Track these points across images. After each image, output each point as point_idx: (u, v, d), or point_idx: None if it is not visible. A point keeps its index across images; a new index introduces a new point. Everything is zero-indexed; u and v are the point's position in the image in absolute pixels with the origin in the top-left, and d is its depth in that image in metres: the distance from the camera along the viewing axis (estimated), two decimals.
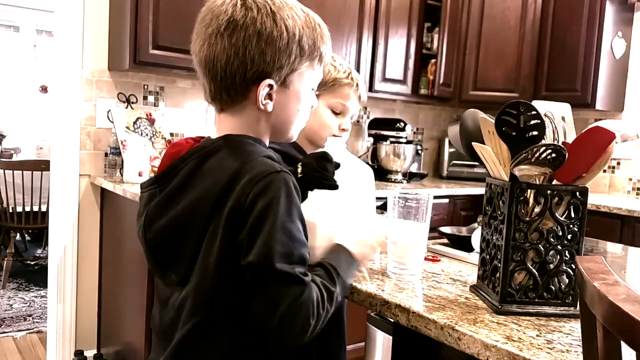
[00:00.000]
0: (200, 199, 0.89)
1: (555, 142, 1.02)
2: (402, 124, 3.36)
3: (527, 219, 0.98)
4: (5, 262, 4.00)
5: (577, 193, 0.98)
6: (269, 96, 0.95)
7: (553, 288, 0.99)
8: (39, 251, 4.89)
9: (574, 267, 0.99)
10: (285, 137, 1.04)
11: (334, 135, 1.36)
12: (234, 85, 0.93)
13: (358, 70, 3.11)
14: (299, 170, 1.04)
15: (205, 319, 0.90)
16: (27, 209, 4.00)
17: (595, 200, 3.05)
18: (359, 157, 2.93)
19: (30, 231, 5.04)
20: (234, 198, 0.85)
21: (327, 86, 1.35)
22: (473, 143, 1.06)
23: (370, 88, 3.20)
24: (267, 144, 1.00)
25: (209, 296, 0.89)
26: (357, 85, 1.37)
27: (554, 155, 0.95)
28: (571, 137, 1.05)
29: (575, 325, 0.93)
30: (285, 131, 1.02)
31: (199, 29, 0.95)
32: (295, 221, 0.87)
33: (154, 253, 0.97)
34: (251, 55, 0.91)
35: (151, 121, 2.67)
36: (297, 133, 1.05)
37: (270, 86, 0.94)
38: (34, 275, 4.29)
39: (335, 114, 1.36)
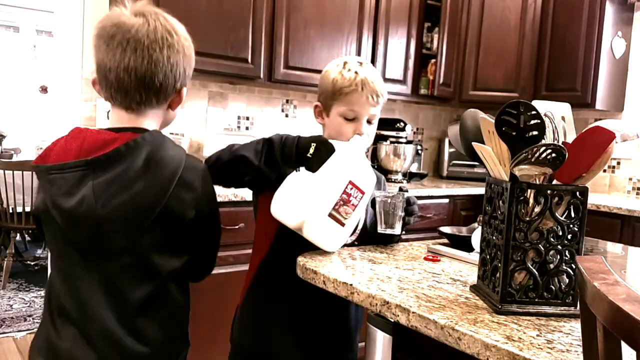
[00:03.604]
0: (162, 181, 1.08)
1: (555, 142, 1.02)
2: (402, 124, 3.37)
3: (527, 218, 0.98)
4: (5, 262, 4.00)
5: (577, 193, 0.98)
6: None
7: (553, 288, 0.99)
8: (39, 251, 4.89)
9: (574, 267, 0.99)
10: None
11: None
12: (165, 93, 1.14)
13: None
14: (312, 151, 1.27)
15: (170, 272, 1.12)
16: (27, 209, 3.99)
17: (595, 200, 3.05)
18: None
19: (30, 231, 5.03)
20: (196, 182, 1.13)
21: (335, 96, 1.41)
22: (473, 143, 1.06)
23: None
24: None
25: (176, 249, 1.13)
26: (362, 89, 1.39)
27: (554, 155, 0.95)
28: (571, 137, 1.05)
29: (575, 325, 0.93)
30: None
31: (127, 40, 1.09)
32: None
33: (105, 225, 1.06)
34: (181, 70, 1.14)
35: None
36: None
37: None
38: (34, 275, 4.29)
39: (348, 120, 1.42)
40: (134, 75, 1.08)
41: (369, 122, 1.45)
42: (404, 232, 1.51)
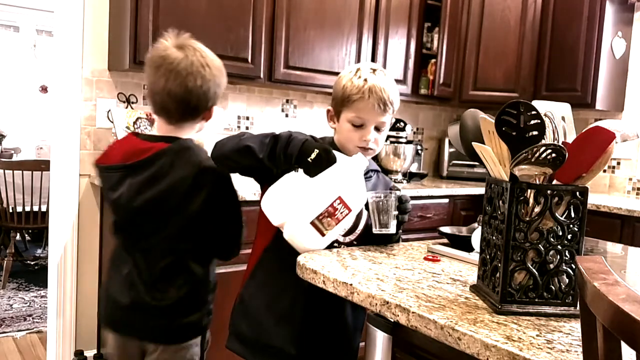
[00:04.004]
0: (179, 181, 1.38)
1: (555, 142, 1.02)
2: (402, 124, 3.37)
3: (527, 219, 0.98)
4: (5, 262, 4.00)
5: (577, 193, 0.98)
6: None
7: (553, 288, 0.99)
8: (39, 251, 4.89)
9: (574, 267, 0.99)
10: None
11: (362, 148, 1.45)
12: (198, 111, 1.45)
13: None
14: (313, 156, 1.29)
15: (182, 252, 1.43)
16: (27, 209, 3.99)
17: (595, 200, 3.05)
18: None
19: (30, 231, 5.04)
20: (209, 184, 1.39)
21: (344, 102, 1.44)
22: (473, 143, 1.06)
23: None
24: None
25: (186, 236, 1.43)
26: (369, 97, 1.40)
27: (554, 155, 0.95)
28: (571, 137, 1.05)
29: (575, 325, 0.93)
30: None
31: (170, 71, 1.38)
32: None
33: (137, 216, 1.43)
34: (211, 94, 1.43)
35: (151, 121, 2.67)
36: None
37: None
38: (34, 275, 4.29)
39: (356, 126, 1.44)
40: (173, 99, 1.39)
41: (377, 129, 1.45)
42: (401, 231, 1.51)
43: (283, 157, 1.31)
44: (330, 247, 1.36)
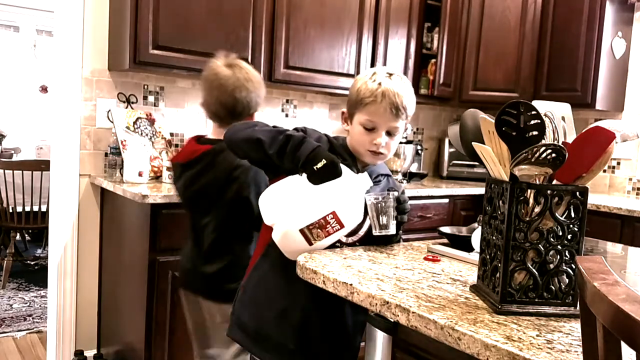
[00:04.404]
0: (217, 176, 1.71)
1: (555, 142, 1.02)
2: None
3: (527, 219, 0.98)
4: (5, 262, 4.00)
5: (577, 193, 0.98)
6: None
7: (553, 288, 0.99)
8: (39, 251, 4.89)
9: (574, 267, 0.99)
10: None
11: (372, 152, 1.44)
12: (243, 117, 1.76)
13: (358, 70, 3.11)
14: (319, 165, 1.29)
15: (223, 233, 1.75)
16: (27, 209, 3.99)
17: (595, 200, 3.05)
18: None
19: (30, 231, 5.03)
20: (239, 179, 1.69)
21: (357, 105, 1.43)
22: (473, 143, 1.06)
23: None
24: None
25: (225, 220, 1.75)
26: (381, 100, 1.40)
27: (554, 155, 0.95)
28: (571, 137, 1.05)
29: (575, 325, 0.93)
30: None
31: (221, 85, 1.74)
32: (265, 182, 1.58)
33: (190, 202, 1.83)
34: (253, 102, 1.78)
35: (151, 121, 2.67)
36: None
37: None
38: (34, 275, 4.29)
39: (368, 130, 1.43)
40: (224, 107, 1.75)
41: (390, 134, 1.44)
42: (401, 232, 1.51)
43: (291, 158, 1.31)
44: (332, 246, 1.36)
